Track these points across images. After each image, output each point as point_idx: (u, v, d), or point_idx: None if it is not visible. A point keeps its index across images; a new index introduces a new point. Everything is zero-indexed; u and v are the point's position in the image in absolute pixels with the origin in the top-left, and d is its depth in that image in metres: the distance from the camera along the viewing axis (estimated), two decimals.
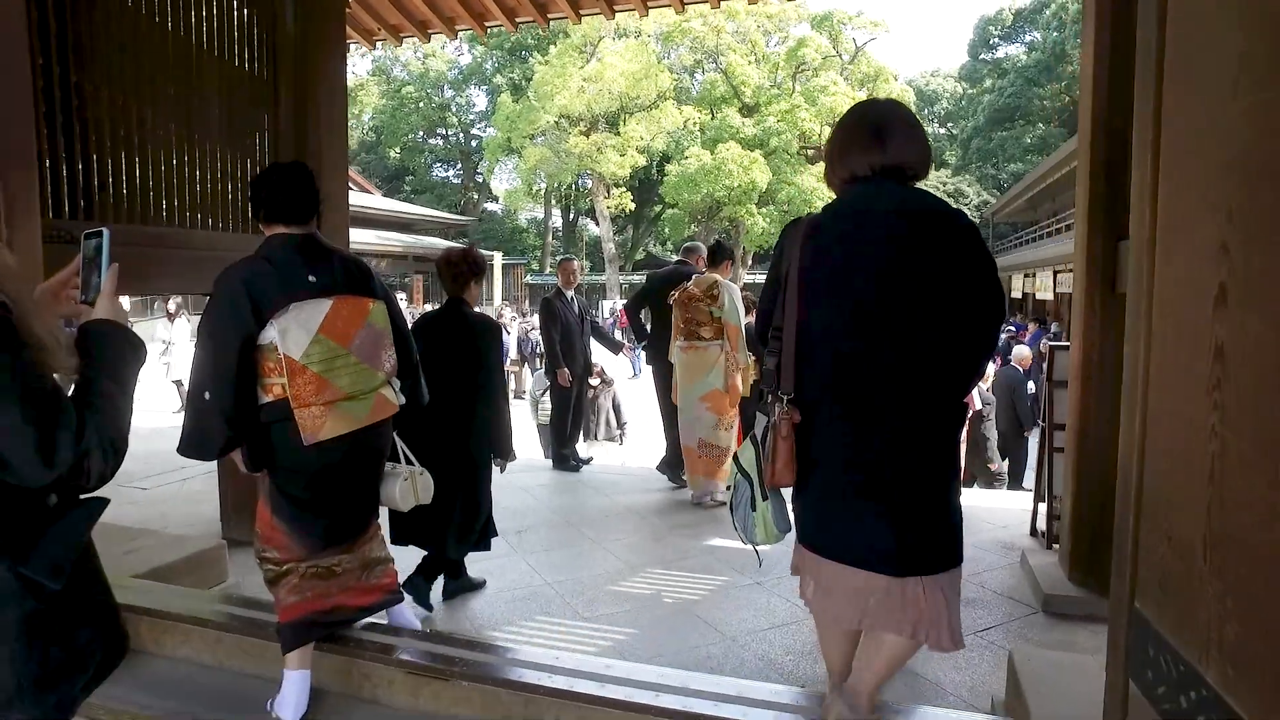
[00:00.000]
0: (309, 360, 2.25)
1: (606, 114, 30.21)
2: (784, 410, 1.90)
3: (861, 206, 1.93)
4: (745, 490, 2.06)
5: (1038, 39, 40.74)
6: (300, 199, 2.39)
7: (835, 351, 1.90)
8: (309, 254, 2.38)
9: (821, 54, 32.33)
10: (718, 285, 4.94)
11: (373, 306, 2.44)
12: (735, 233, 32.69)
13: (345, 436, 2.34)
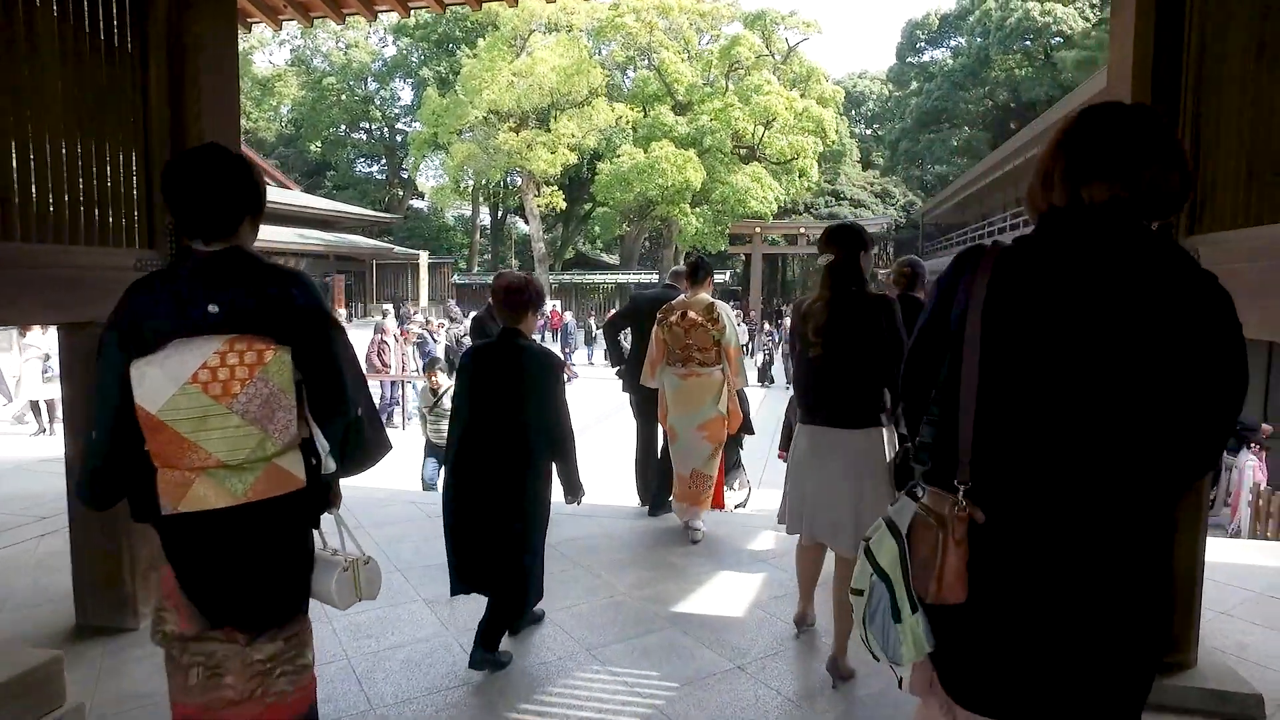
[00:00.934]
0: (171, 416, 1.73)
1: (537, 110, 29.37)
2: (960, 507, 1.38)
3: (1091, 246, 1.38)
4: (884, 596, 1.50)
5: (962, 44, 41.54)
6: (212, 206, 1.83)
7: (1044, 432, 1.37)
8: (217, 277, 1.83)
9: (755, 53, 32.12)
10: (716, 307, 4.65)
11: (271, 356, 1.80)
12: (668, 232, 32.27)
13: (217, 514, 1.79)
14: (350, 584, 2.04)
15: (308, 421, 1.89)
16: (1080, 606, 1.36)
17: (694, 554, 4.49)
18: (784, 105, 30.42)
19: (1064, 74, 33.33)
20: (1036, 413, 1.37)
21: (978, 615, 1.39)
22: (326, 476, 1.95)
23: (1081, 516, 1.35)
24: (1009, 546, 1.38)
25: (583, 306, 37.00)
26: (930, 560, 1.42)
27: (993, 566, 1.38)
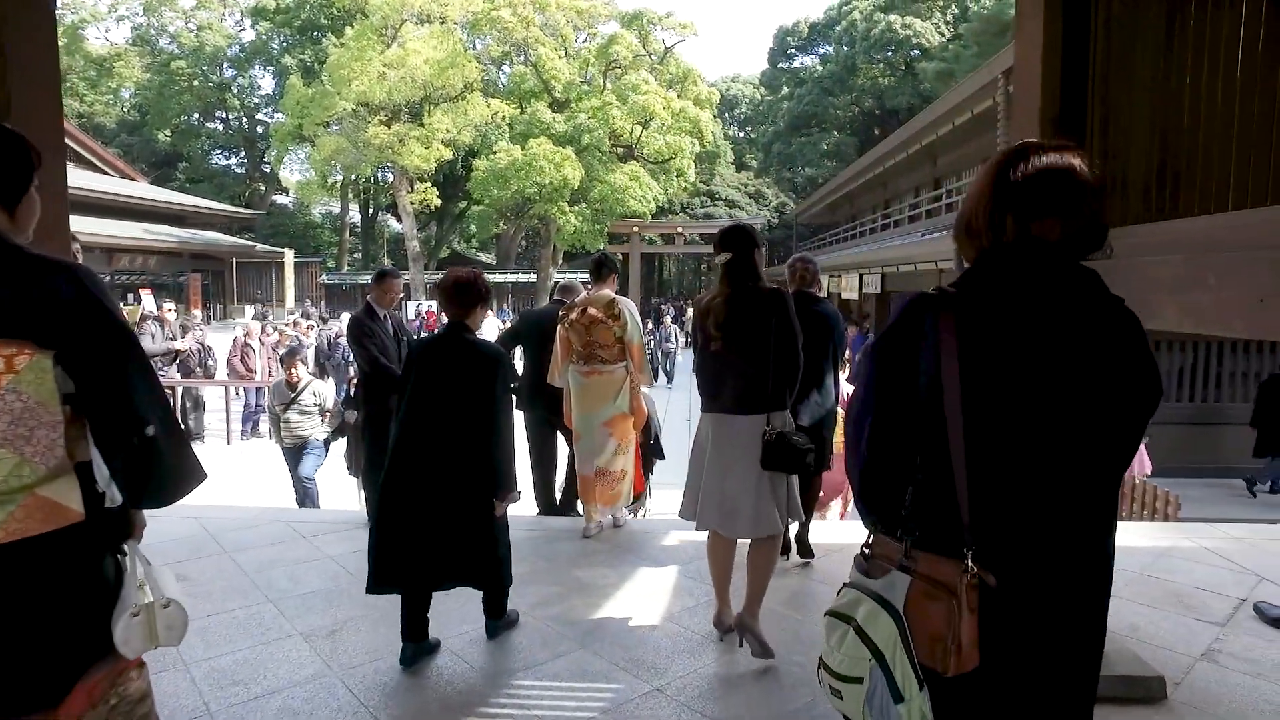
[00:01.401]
0: None
1: (409, 103, 28.29)
2: (972, 573, 1.30)
3: (1047, 293, 1.37)
4: (880, 678, 1.38)
5: (831, 52, 43.17)
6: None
7: (1033, 485, 1.35)
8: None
9: (632, 52, 32.16)
10: (617, 303, 4.59)
11: (25, 363, 1.48)
12: (546, 231, 31.88)
13: None
14: (144, 628, 1.64)
15: (89, 441, 1.59)
16: (1073, 636, 1.39)
17: (598, 565, 4.27)
18: (662, 105, 30.59)
19: (924, 84, 35.15)
20: (1029, 464, 1.34)
21: (989, 674, 1.33)
22: (114, 510, 1.61)
23: (1076, 554, 1.36)
24: (1017, 603, 1.34)
25: None
26: (943, 633, 1.32)
27: (1003, 626, 1.33)
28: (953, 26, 36.49)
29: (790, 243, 39.39)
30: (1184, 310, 2.24)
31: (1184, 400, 9.78)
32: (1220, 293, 2.10)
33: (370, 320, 4.93)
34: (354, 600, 3.72)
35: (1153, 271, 2.38)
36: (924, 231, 14.22)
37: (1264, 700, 2.97)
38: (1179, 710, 2.87)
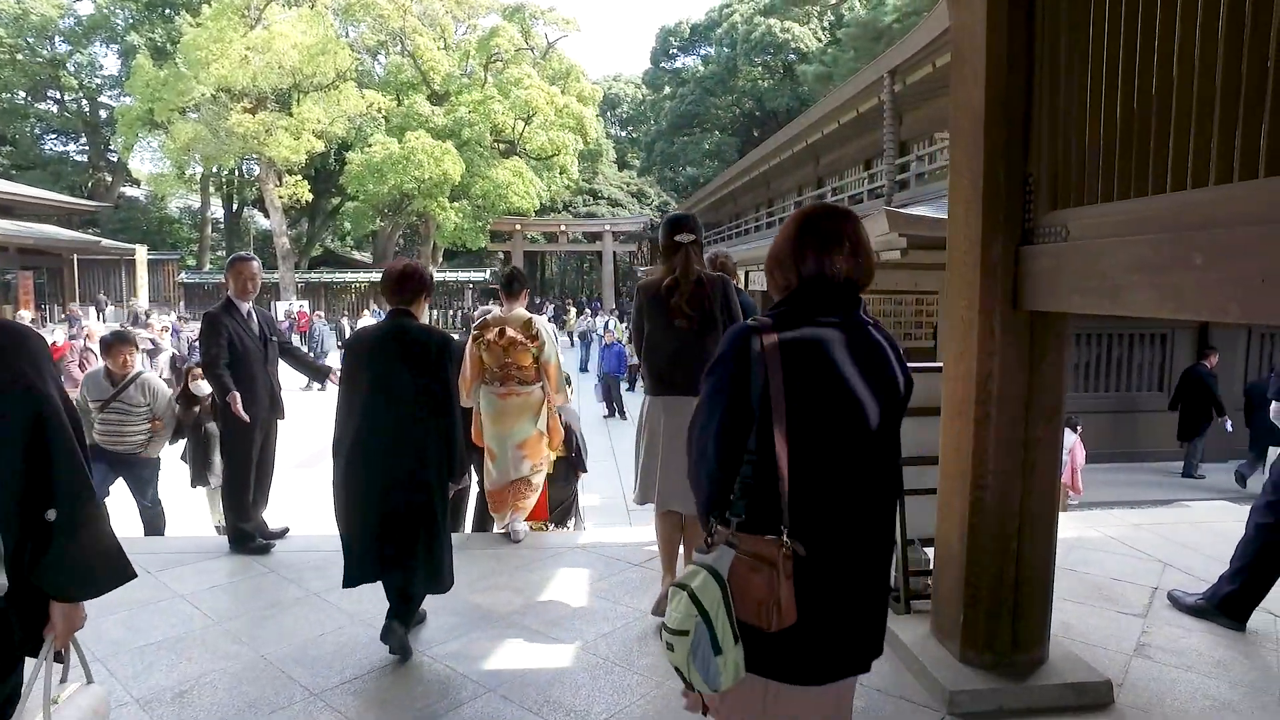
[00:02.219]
0: None
1: (277, 91, 26.52)
2: (788, 547, 1.65)
3: (843, 323, 1.73)
4: (705, 634, 1.67)
5: (712, 53, 43.71)
6: None
7: (836, 475, 1.71)
8: None
9: (514, 46, 31.45)
10: (535, 323, 4.50)
11: None
12: (425, 228, 30.72)
13: None
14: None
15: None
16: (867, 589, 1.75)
17: (499, 589, 3.82)
18: (545, 100, 30.06)
19: (803, 87, 36.06)
20: (836, 457, 1.68)
21: (804, 624, 1.66)
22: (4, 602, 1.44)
23: (870, 529, 1.73)
24: (823, 568, 1.67)
25: (334, 307, 34.36)
26: (765, 597, 1.64)
27: (813, 586, 1.66)
28: (830, 32, 37.63)
29: None
30: (1162, 294, 2.05)
31: (1103, 391, 10.29)
32: (1209, 273, 1.91)
33: (225, 315, 4.30)
34: (210, 651, 3.14)
35: (1121, 253, 2.19)
36: None
37: (1202, 695, 2.89)
38: (1128, 715, 2.74)
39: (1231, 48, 1.88)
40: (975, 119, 2.73)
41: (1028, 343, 2.75)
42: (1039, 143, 2.62)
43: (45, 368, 1.52)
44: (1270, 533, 3.41)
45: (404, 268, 3.24)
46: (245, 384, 4.25)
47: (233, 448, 4.33)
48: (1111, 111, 2.29)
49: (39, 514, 1.45)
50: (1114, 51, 2.28)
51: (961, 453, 2.88)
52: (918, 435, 3.55)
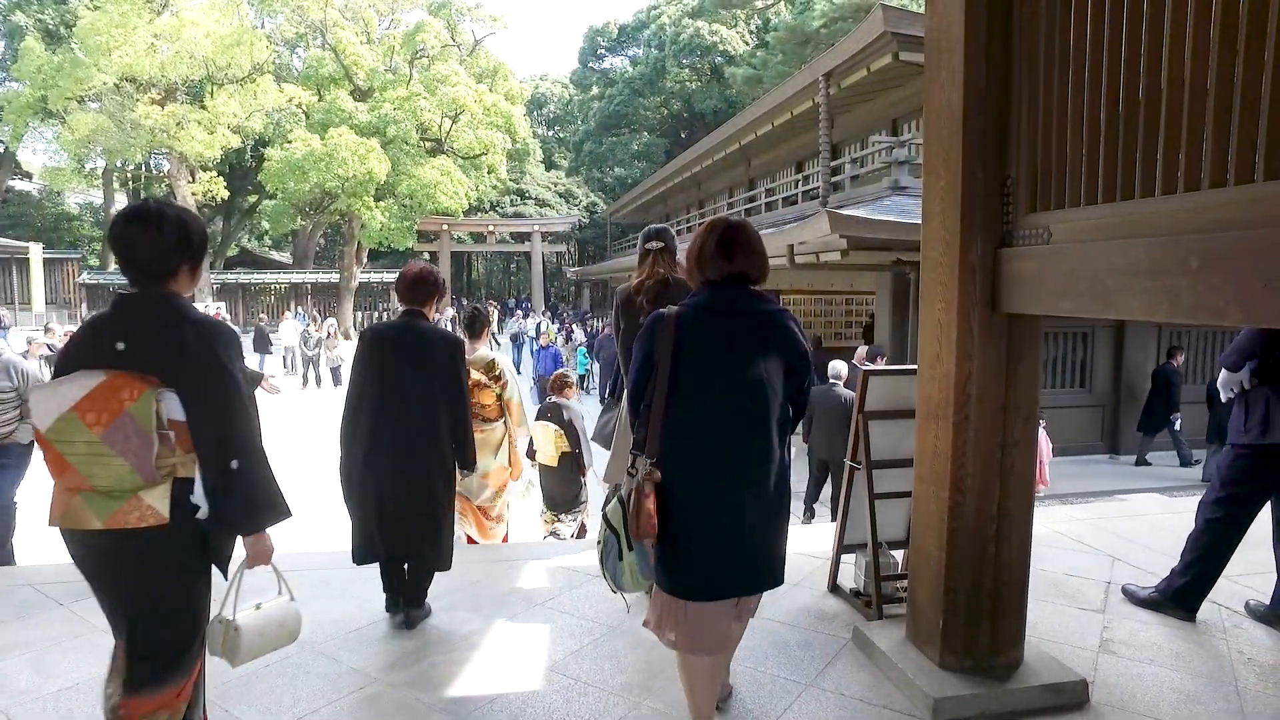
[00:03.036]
0: (54, 437, 1.89)
1: (188, 82, 25.28)
2: (651, 472, 2.22)
3: (719, 307, 2.34)
4: (613, 544, 2.36)
5: (640, 54, 43.74)
6: (149, 254, 2.01)
7: (706, 424, 2.27)
8: (131, 317, 1.99)
9: (441, 42, 30.77)
10: (497, 363, 4.62)
11: (140, 395, 1.89)
12: (350, 228, 29.77)
13: (79, 534, 1.94)
14: (218, 638, 2.11)
15: (194, 463, 1.97)
16: (742, 521, 2.26)
17: (458, 608, 3.64)
18: (472, 98, 29.50)
19: (732, 89, 36.41)
20: (702, 407, 2.25)
21: (686, 542, 2.25)
22: (205, 524, 2.00)
23: (738, 468, 2.25)
24: (691, 494, 2.24)
25: (252, 309, 33.09)
26: (638, 512, 2.18)
27: (682, 508, 2.23)
28: (757, 36, 38.09)
29: (603, 241, 39.51)
30: (1154, 299, 2.04)
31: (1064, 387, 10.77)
32: (1206, 277, 1.90)
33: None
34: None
35: (1113, 257, 2.18)
36: None
37: (1169, 688, 2.94)
38: (1105, 713, 2.76)
39: (1226, 43, 1.88)
40: (952, 119, 2.71)
41: (1005, 345, 2.74)
42: (1018, 144, 2.61)
43: (232, 353, 2.01)
44: (1218, 526, 3.52)
45: (419, 271, 3.49)
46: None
47: None
48: (1096, 113, 2.28)
49: (227, 463, 1.95)
50: (1098, 50, 2.27)
51: (939, 456, 2.85)
52: (886, 439, 3.54)
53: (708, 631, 2.31)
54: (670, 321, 2.29)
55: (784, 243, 9.94)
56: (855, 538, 3.75)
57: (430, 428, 3.30)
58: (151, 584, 1.97)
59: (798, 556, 4.33)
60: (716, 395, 2.25)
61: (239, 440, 1.97)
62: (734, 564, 2.25)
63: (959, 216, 2.70)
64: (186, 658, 2.03)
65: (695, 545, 2.24)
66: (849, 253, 8.63)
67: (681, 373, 2.25)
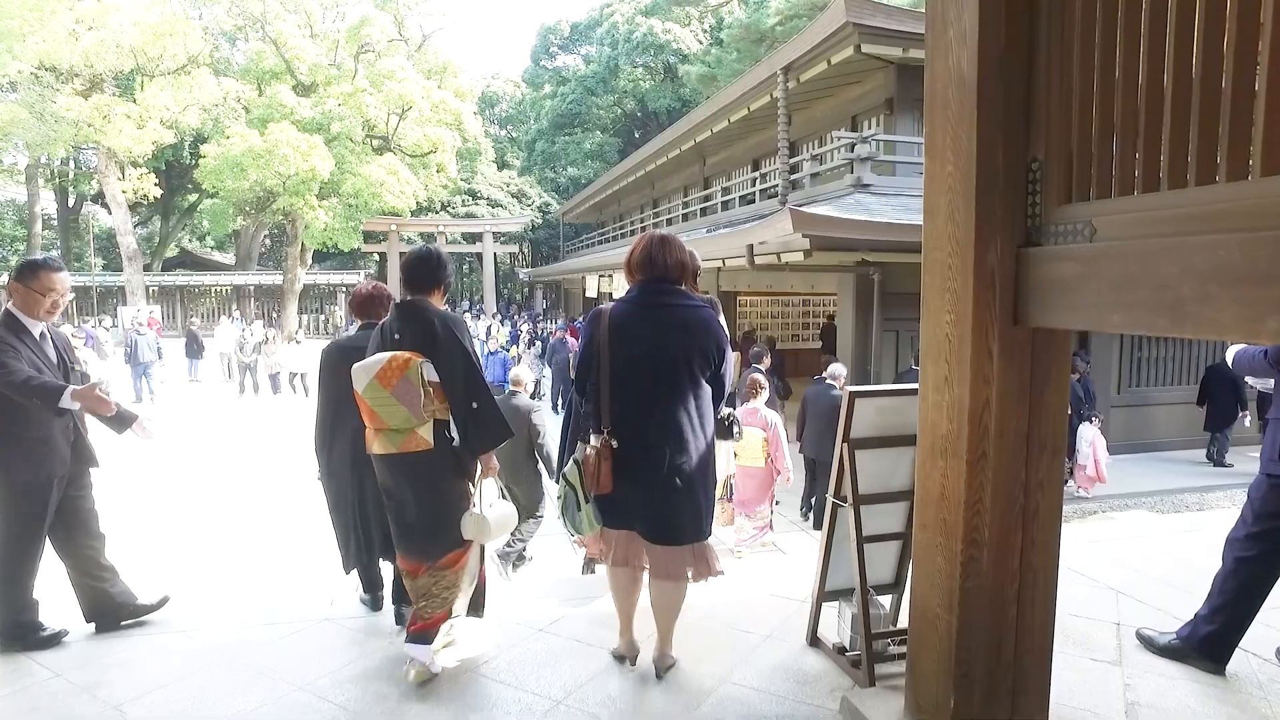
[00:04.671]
0: (365, 395, 2.91)
1: (116, 73, 23.94)
2: (606, 441, 2.81)
3: (645, 302, 2.89)
4: (572, 498, 2.90)
5: (593, 53, 43.11)
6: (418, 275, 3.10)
7: (636, 397, 2.83)
8: (404, 318, 3.03)
9: (387, 37, 29.79)
10: None
11: (412, 365, 2.89)
12: (293, 228, 28.62)
13: (384, 457, 2.97)
14: (472, 526, 3.01)
15: (445, 408, 2.96)
16: (663, 473, 2.81)
17: (372, 679, 3.05)
18: (420, 95, 28.63)
19: (686, 88, 36.00)
20: (636, 385, 2.83)
21: (622, 493, 2.85)
22: (458, 448, 2.99)
23: (661, 436, 2.81)
24: (626, 455, 2.82)
25: (192, 311, 31.74)
26: (595, 472, 2.81)
27: (621, 467, 2.83)
28: (711, 35, 37.75)
29: (556, 242, 38.81)
30: (1258, 312, 1.54)
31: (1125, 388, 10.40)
32: None
33: (7, 333, 3.28)
34: None
35: (1191, 259, 1.69)
36: (709, 228, 14.01)
37: None
38: None
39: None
40: (963, 89, 2.21)
41: (1029, 366, 2.25)
42: (1047, 118, 2.11)
43: (465, 335, 3.01)
44: (1251, 565, 3.08)
45: (371, 290, 3.77)
46: (35, 429, 3.27)
47: (8, 511, 3.30)
48: (1159, 71, 1.79)
49: (469, 405, 2.94)
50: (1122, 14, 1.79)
51: (949, 500, 2.35)
52: (875, 467, 3.04)
53: (621, 550, 2.97)
54: (605, 315, 2.89)
55: (743, 243, 9.48)
56: (839, 582, 3.25)
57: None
58: (425, 485, 2.96)
59: (772, 599, 3.83)
60: (642, 375, 2.80)
61: (475, 390, 2.96)
62: (639, 508, 2.86)
63: (973, 210, 2.19)
64: (445, 535, 2.99)
65: (622, 493, 2.83)
66: (812, 253, 8.19)
67: (614, 354, 2.83)
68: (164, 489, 8.24)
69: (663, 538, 2.86)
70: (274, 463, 9.22)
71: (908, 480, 3.15)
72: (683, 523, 2.84)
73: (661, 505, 2.81)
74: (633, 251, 2.94)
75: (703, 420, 2.85)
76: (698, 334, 2.82)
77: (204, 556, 6.14)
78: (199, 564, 5.89)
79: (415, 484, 2.95)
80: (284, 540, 6.40)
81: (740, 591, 3.91)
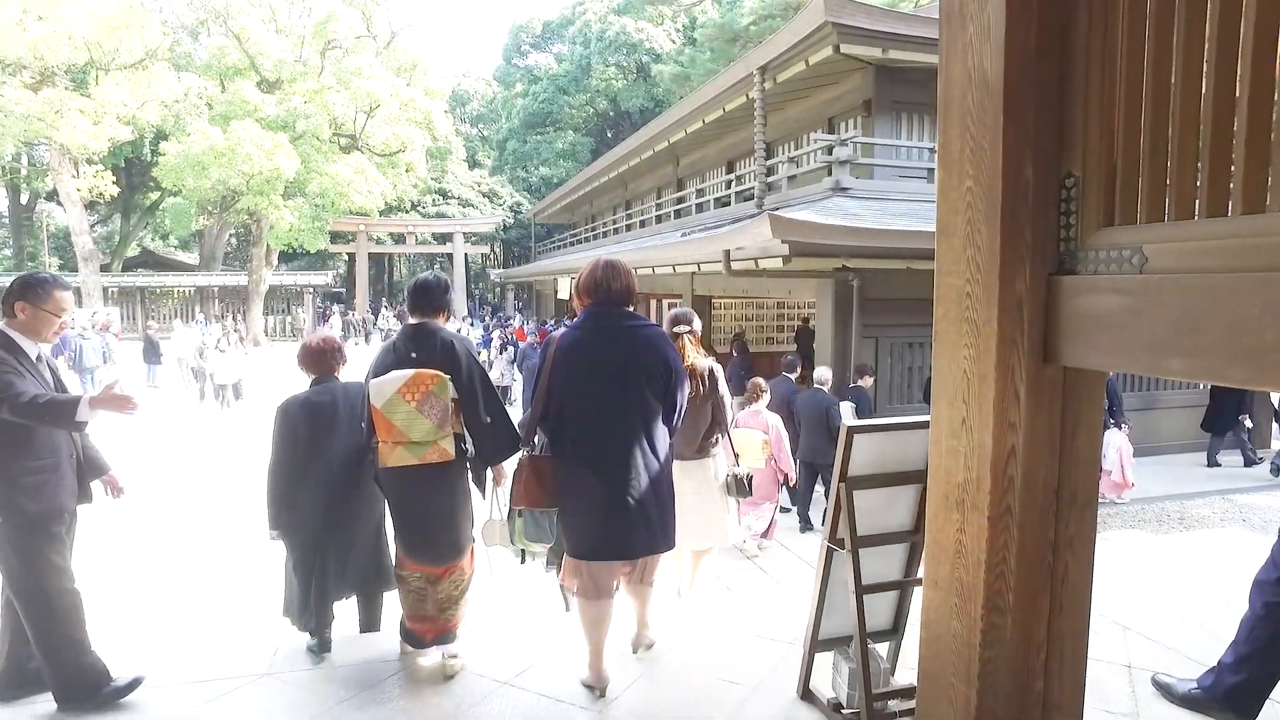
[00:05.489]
0: (385, 409, 3.03)
1: (69, 67, 23.11)
2: (533, 457, 2.97)
3: (594, 325, 2.99)
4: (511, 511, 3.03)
5: (565, 51, 42.70)
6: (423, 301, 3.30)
7: (590, 420, 2.92)
8: (419, 339, 3.21)
9: (354, 33, 29.17)
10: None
11: (439, 381, 3.06)
12: (258, 228, 27.91)
13: (405, 469, 3.08)
14: (494, 533, 3.28)
15: (461, 422, 3.16)
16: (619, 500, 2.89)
17: None
18: (389, 93, 28.07)
19: (659, 88, 35.71)
20: (585, 407, 2.92)
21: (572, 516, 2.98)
22: (470, 458, 3.23)
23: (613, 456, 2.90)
24: (576, 475, 2.92)
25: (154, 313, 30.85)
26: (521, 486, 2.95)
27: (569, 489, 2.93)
28: (684, 34, 37.51)
29: (528, 242, 38.37)
30: None
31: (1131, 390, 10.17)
32: None
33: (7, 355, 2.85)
34: None
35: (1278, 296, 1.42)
36: (683, 230, 13.71)
37: None
38: None
39: None
40: (987, 94, 1.92)
41: (1060, 409, 1.98)
42: (1084, 127, 1.84)
43: (475, 352, 3.30)
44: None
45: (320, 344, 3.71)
46: (44, 456, 2.89)
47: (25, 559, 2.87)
48: (1228, 75, 1.52)
49: (485, 419, 3.17)
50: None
51: (966, 558, 2.07)
52: (873, 503, 2.76)
53: (597, 582, 3.01)
54: (554, 342, 2.99)
55: (719, 248, 9.21)
56: (833, 629, 2.96)
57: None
58: (446, 493, 3.18)
59: (758, 640, 3.54)
60: (594, 398, 2.90)
61: (491, 406, 3.19)
62: (613, 533, 2.92)
63: (997, 230, 1.91)
64: (464, 537, 3.26)
65: (582, 518, 2.94)
66: (791, 259, 7.93)
67: (561, 379, 2.91)
68: (92, 515, 7.69)
69: (628, 553, 3.00)
70: (221, 483, 8.68)
71: (907, 519, 2.89)
72: (638, 536, 2.94)
73: (623, 524, 2.90)
74: (580, 277, 3.06)
75: (654, 439, 2.95)
76: (646, 354, 2.93)
77: (129, 596, 5.38)
78: (123, 605, 5.03)
79: (438, 492, 3.16)
80: (224, 575, 5.81)
81: (725, 632, 3.62)
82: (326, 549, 3.44)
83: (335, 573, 3.47)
